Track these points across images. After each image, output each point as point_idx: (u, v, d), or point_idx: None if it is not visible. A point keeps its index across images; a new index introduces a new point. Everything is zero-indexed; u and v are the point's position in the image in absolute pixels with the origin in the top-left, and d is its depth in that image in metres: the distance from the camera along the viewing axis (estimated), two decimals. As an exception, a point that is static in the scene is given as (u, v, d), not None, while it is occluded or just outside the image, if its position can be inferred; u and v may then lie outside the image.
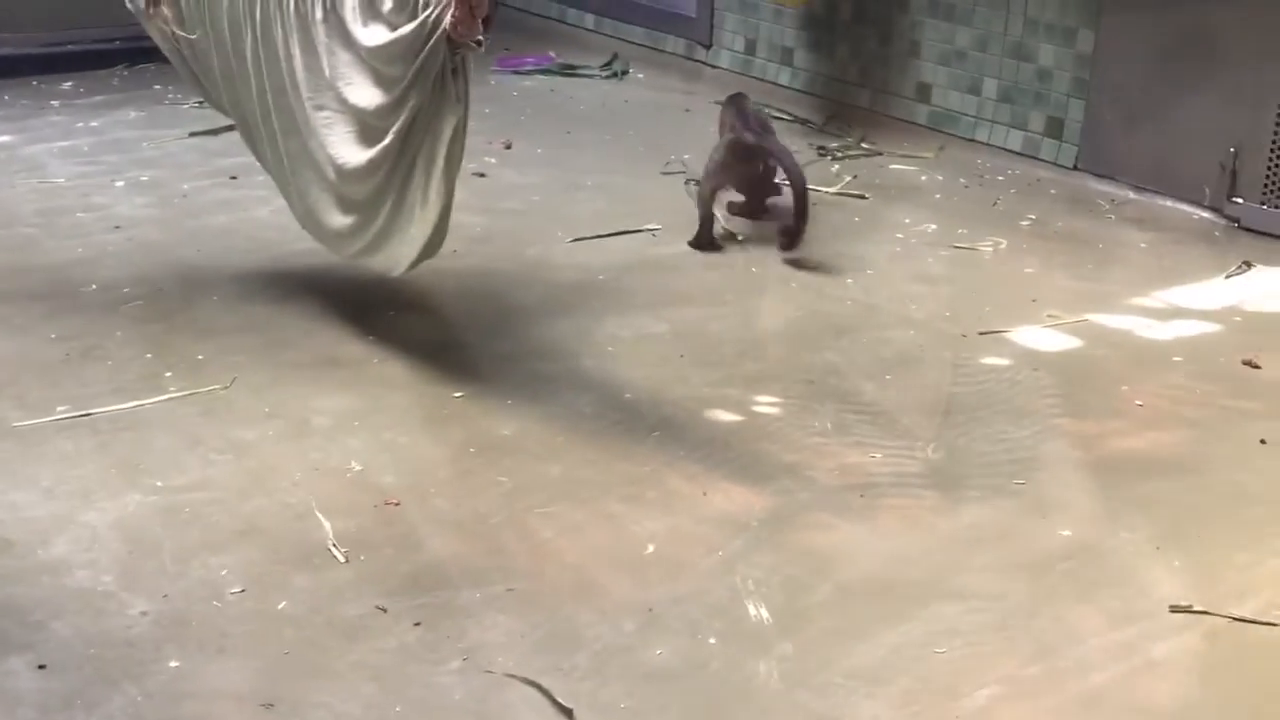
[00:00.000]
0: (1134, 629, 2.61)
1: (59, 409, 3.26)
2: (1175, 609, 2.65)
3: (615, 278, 4.18)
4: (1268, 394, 3.54)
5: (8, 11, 5.99)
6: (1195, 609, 2.65)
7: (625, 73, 6.52)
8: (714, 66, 6.29)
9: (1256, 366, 3.66)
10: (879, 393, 3.50)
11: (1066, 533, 2.91)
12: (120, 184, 4.78)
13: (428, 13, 3.23)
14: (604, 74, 6.52)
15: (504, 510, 2.93)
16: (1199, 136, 4.70)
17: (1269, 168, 4.54)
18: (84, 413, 3.24)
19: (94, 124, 5.45)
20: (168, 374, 3.45)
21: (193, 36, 3.61)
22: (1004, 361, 3.68)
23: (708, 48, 6.37)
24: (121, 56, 6.08)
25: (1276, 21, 4.45)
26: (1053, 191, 4.99)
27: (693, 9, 6.43)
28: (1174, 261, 4.41)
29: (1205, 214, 4.70)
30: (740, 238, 4.45)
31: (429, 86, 3.29)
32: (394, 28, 3.32)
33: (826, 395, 3.47)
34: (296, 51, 3.54)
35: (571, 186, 4.97)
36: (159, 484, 2.98)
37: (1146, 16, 4.80)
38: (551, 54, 6.74)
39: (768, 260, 4.31)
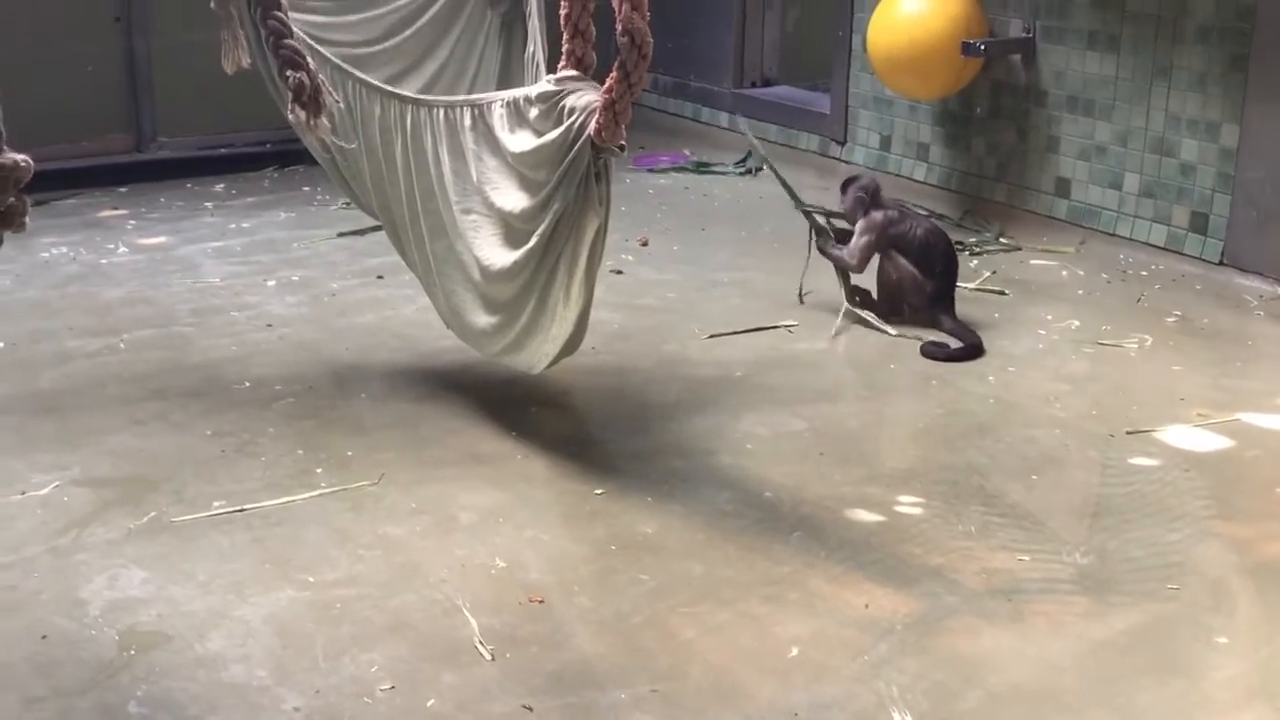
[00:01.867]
0: (1299, 744, 2.52)
1: (215, 504, 3.35)
2: (1342, 723, 2.56)
3: (752, 374, 4.19)
4: None
5: (166, 116, 6.26)
6: (1364, 724, 2.56)
7: (759, 170, 6.58)
8: (848, 162, 6.32)
9: None
10: (1024, 493, 3.45)
11: (1223, 640, 2.83)
12: (272, 283, 4.94)
13: (573, 119, 3.31)
14: (739, 171, 6.59)
15: (646, 609, 2.94)
16: (1351, 230, 4.61)
17: None
18: (238, 508, 3.33)
19: (246, 225, 5.65)
20: (318, 470, 3.54)
21: (350, 146, 3.74)
22: (1153, 462, 3.61)
23: (842, 144, 6.41)
24: (272, 159, 6.32)
25: None
26: (1198, 287, 4.91)
27: (827, 106, 6.48)
28: (1328, 359, 4.30)
29: (1359, 310, 4.59)
30: (892, 332, 4.44)
31: (573, 191, 3.36)
32: (540, 134, 3.40)
33: (970, 496, 3.43)
34: (445, 157, 3.64)
35: (707, 283, 5.01)
36: (310, 579, 3.04)
37: (1293, 109, 4.73)
38: (687, 152, 6.84)
39: (907, 357, 4.29)
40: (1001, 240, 5.43)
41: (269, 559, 3.12)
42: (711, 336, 4.47)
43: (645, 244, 5.44)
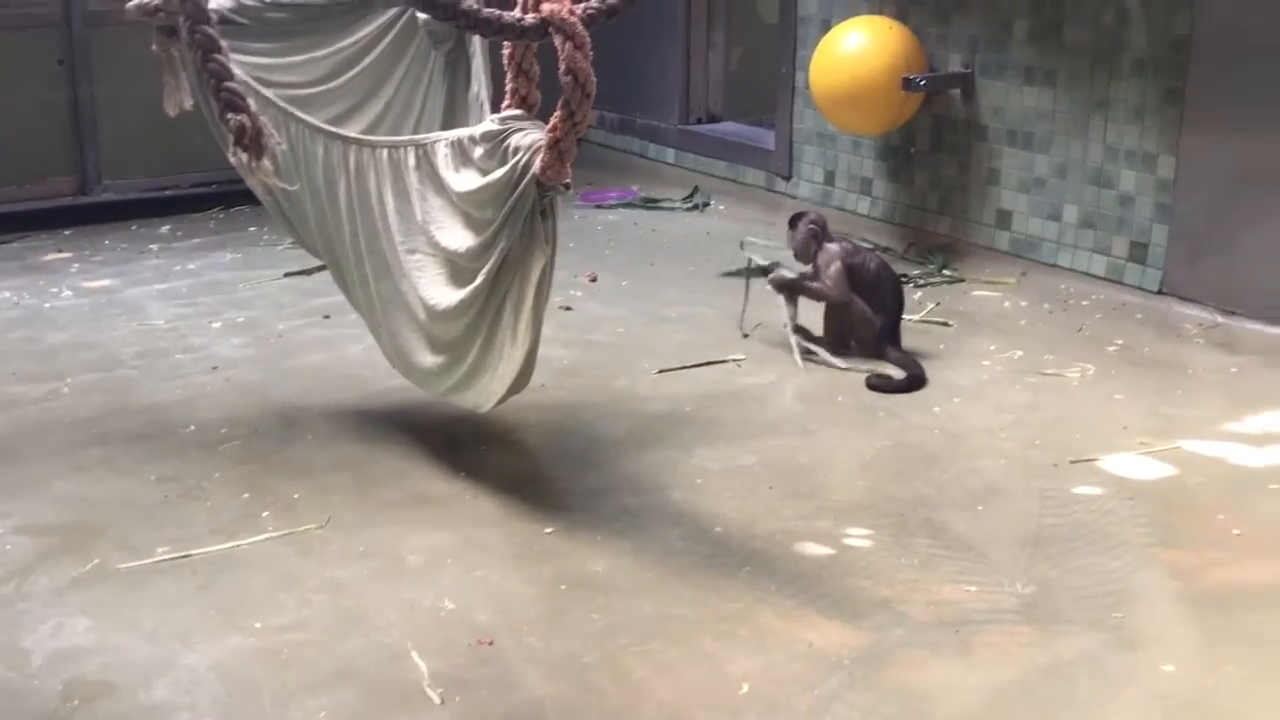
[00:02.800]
0: (1244, 769, 2.55)
1: (160, 550, 3.32)
2: (1286, 748, 2.59)
3: (702, 409, 4.20)
4: (1371, 521, 3.47)
5: (111, 159, 6.23)
6: (1307, 748, 2.59)
7: (707, 205, 6.63)
8: (794, 197, 6.37)
9: (1357, 493, 3.59)
10: (970, 524, 3.47)
11: (1169, 668, 2.86)
12: (217, 325, 4.92)
13: (518, 158, 3.32)
14: (686, 206, 6.62)
15: (597, 649, 2.93)
16: (1286, 258, 4.68)
17: (1360, 289, 4.51)
18: (184, 554, 3.30)
19: (191, 266, 5.63)
20: (265, 514, 3.51)
21: (293, 188, 3.74)
22: (1096, 491, 3.65)
23: (787, 179, 6.46)
24: (218, 200, 6.31)
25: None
26: (1138, 316, 4.97)
27: (772, 142, 6.53)
28: (1265, 385, 4.35)
29: (1296, 336, 4.66)
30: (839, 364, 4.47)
31: (519, 229, 3.37)
32: (485, 173, 3.41)
33: (917, 527, 3.46)
34: (389, 197, 3.64)
35: (656, 318, 5.03)
36: (257, 625, 3.01)
37: (1226, 140, 4.81)
38: (634, 188, 6.87)
39: (854, 389, 4.32)
40: (945, 272, 5.48)
41: (215, 605, 3.09)
42: (661, 371, 4.48)
43: (594, 280, 5.46)
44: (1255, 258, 4.78)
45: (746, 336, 4.72)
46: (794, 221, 4.68)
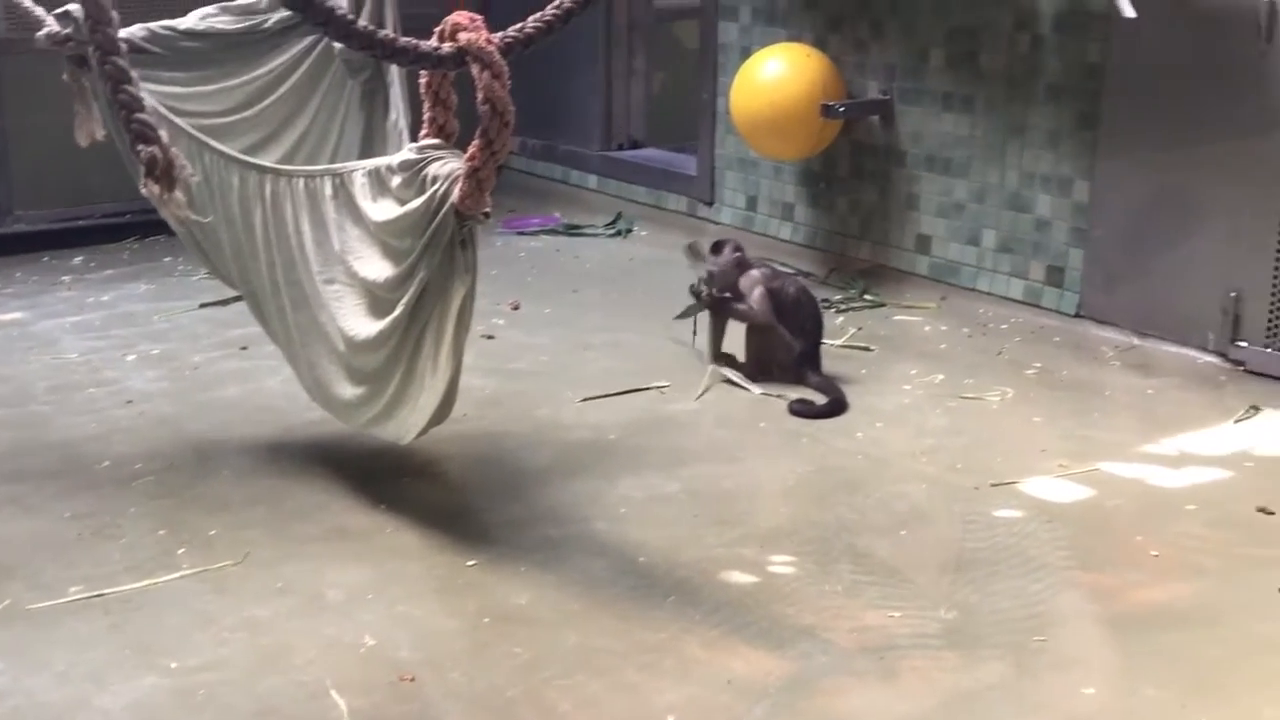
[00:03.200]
0: (1164, 791, 2.57)
1: (72, 590, 3.25)
2: (1205, 768, 2.61)
3: (626, 437, 4.19)
4: (1284, 540, 3.53)
5: (22, 189, 6.12)
6: (1225, 768, 2.61)
7: (629, 231, 6.63)
8: (716, 223, 6.39)
9: (1270, 513, 3.64)
10: (893, 549, 3.48)
11: (1090, 691, 2.88)
12: (132, 358, 4.83)
13: (436, 187, 3.30)
14: (609, 233, 6.62)
15: (521, 683, 2.90)
16: (1199, 281, 4.75)
17: (1271, 311, 4.58)
18: (97, 593, 3.23)
19: (105, 298, 5.53)
20: (180, 551, 3.45)
21: (206, 220, 3.69)
22: (1017, 514, 3.67)
23: (709, 204, 6.47)
24: (132, 230, 6.21)
25: (1266, 167, 4.53)
26: (1056, 339, 5.03)
27: (694, 168, 6.55)
28: (1181, 407, 4.42)
29: (1210, 358, 4.73)
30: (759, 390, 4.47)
31: (438, 258, 3.34)
32: (403, 203, 3.39)
33: (841, 553, 3.46)
34: (306, 227, 3.60)
35: (580, 346, 5.01)
36: (173, 665, 2.95)
37: (1140, 165, 4.89)
38: (557, 215, 6.86)
39: (777, 416, 4.32)
40: (866, 297, 5.51)
41: (129, 645, 3.03)
42: (585, 400, 4.47)
43: (517, 308, 5.43)
44: (1170, 280, 4.85)
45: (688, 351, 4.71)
46: (717, 248, 4.69)
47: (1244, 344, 4.64)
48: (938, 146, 5.50)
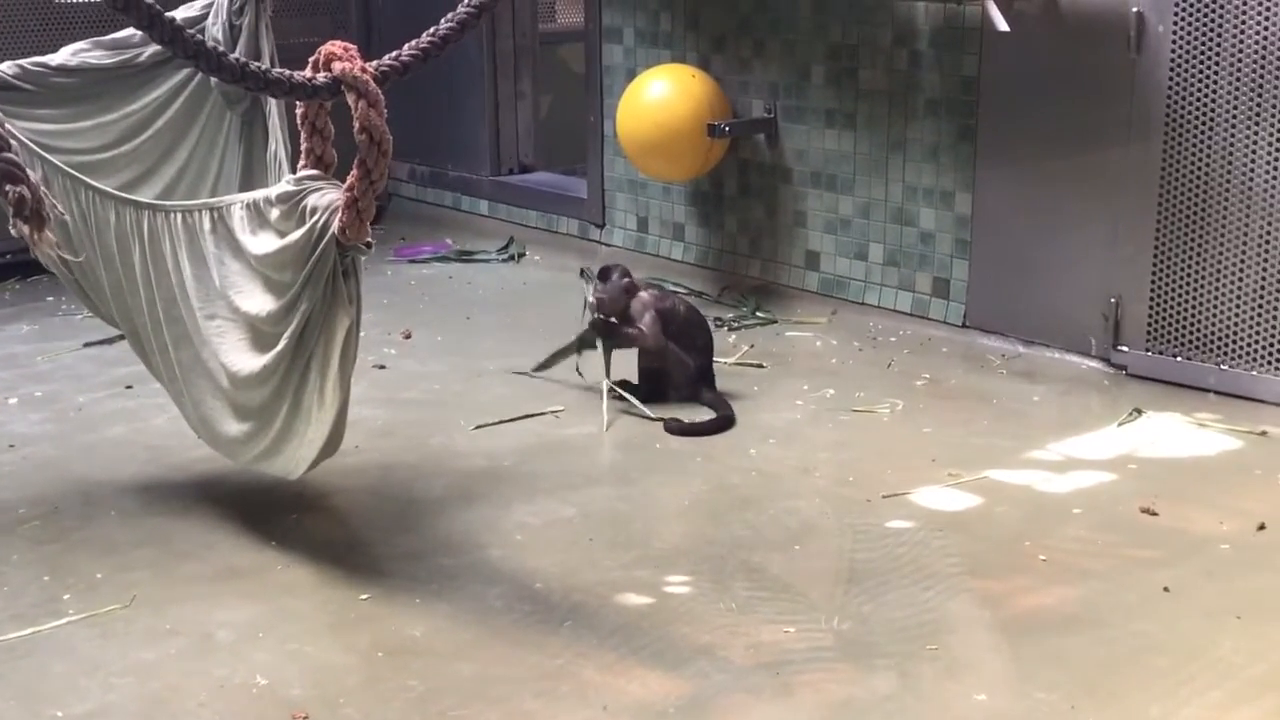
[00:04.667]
0: (1055, 792, 2.60)
1: (-49, 641, 3.17)
2: (1094, 768, 2.65)
3: (521, 463, 4.18)
4: (1167, 541, 3.60)
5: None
6: (1113, 767, 2.65)
7: (522, 255, 6.62)
8: (608, 245, 6.40)
9: (1154, 514, 3.72)
10: (787, 564, 3.51)
11: (981, 697, 2.91)
12: (14, 401, 4.72)
13: (315, 219, 3.27)
14: (501, 258, 6.61)
15: (416, 715, 2.87)
16: (1080, 288, 4.85)
17: (1150, 315, 4.69)
18: (-23, 644, 3.16)
19: (-15, 340, 5.41)
20: (66, 596, 3.37)
21: (79, 259, 3.62)
22: (908, 524, 3.72)
23: (601, 227, 6.49)
24: (12, 270, 6.07)
25: (1140, 173, 4.64)
26: (944, 350, 5.10)
27: (584, 191, 6.56)
28: (1067, 413, 4.51)
29: (1093, 363, 4.83)
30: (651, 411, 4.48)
31: (320, 290, 3.31)
32: (283, 235, 3.35)
33: (736, 570, 3.47)
34: (185, 263, 3.55)
35: (473, 373, 4.99)
36: (58, 714, 2.88)
37: (1019, 175, 4.98)
38: (448, 241, 6.83)
39: (672, 437, 4.33)
40: (758, 314, 5.56)
41: (13, 694, 2.96)
42: (478, 427, 4.44)
43: (409, 336, 5.39)
44: (1052, 288, 4.95)
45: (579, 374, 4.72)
46: (604, 274, 4.69)
47: (1125, 349, 4.75)
48: (822, 163, 5.56)
